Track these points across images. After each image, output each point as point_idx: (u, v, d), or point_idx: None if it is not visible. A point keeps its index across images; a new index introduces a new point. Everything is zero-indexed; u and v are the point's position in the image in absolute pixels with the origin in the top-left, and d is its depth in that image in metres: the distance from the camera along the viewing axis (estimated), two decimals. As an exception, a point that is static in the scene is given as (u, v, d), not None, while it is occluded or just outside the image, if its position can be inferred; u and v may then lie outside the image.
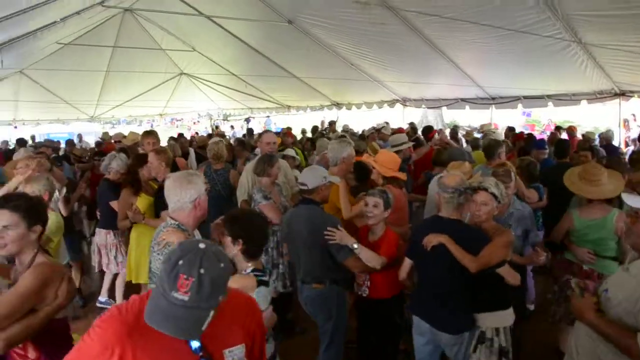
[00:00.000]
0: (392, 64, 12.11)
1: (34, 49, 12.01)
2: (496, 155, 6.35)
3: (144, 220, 5.46)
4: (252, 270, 3.01)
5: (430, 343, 3.86)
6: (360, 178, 5.20)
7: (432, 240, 3.64)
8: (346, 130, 14.18)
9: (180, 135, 14.92)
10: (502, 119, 17.03)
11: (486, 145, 7.10)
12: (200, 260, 1.65)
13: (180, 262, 1.65)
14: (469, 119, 17.17)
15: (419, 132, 12.51)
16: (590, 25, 7.52)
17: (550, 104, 11.23)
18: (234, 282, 2.67)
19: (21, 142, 12.97)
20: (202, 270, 1.63)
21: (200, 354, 1.84)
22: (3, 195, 3.01)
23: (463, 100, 13.08)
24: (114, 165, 6.22)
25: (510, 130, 12.38)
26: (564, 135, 11.64)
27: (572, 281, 2.81)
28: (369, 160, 5.35)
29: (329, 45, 11.99)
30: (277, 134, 10.01)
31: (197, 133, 22.44)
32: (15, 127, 19.78)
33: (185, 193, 3.06)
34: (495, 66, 10.54)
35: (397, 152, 6.65)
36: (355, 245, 3.98)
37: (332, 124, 15.10)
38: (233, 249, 2.99)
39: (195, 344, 1.82)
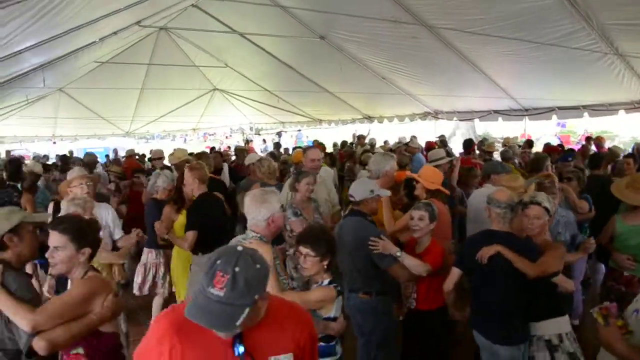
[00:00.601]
0: (424, 77, 12.08)
1: (73, 68, 12.38)
2: (544, 168, 6.44)
3: (167, 236, 5.41)
4: (329, 282, 3.25)
5: (490, 358, 3.89)
6: (412, 195, 5.24)
7: (488, 252, 3.69)
8: (372, 144, 14.16)
9: (212, 149, 15.01)
10: (536, 131, 16.79)
11: (533, 158, 7.23)
12: (236, 259, 1.75)
13: (219, 261, 1.76)
14: (502, 130, 16.97)
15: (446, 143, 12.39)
16: (625, 35, 7.41)
17: (585, 114, 10.97)
18: (316, 294, 3.21)
19: (64, 159, 13.16)
20: (237, 269, 1.73)
21: (243, 358, 1.89)
22: (57, 217, 3.12)
23: (496, 112, 12.91)
24: (160, 183, 6.10)
25: (528, 143, 12.23)
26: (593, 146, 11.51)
27: (592, 311, 2.71)
28: (412, 175, 5.34)
29: (360, 59, 12.03)
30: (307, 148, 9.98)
31: (229, 147, 22.69)
32: (55, 143, 20.36)
33: (259, 211, 3.23)
34: (528, 77, 10.41)
35: (435, 167, 6.62)
36: (399, 253, 4.02)
37: (360, 137, 15.04)
38: (317, 266, 3.25)
39: (240, 349, 1.88)
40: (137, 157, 14.01)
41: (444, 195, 5.18)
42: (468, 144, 10.46)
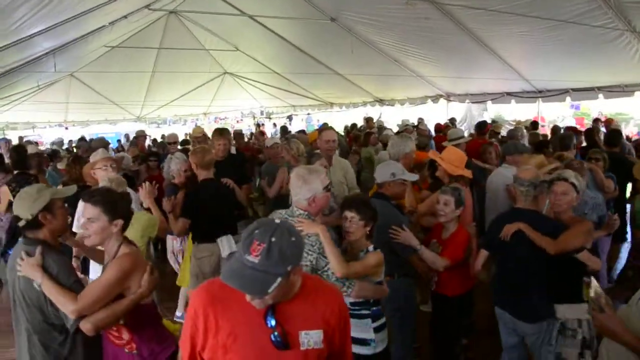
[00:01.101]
0: (436, 59, 11.96)
1: (84, 53, 12.40)
2: (572, 147, 6.48)
3: (170, 214, 5.06)
4: (375, 248, 3.37)
5: (513, 334, 3.99)
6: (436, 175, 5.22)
7: (510, 229, 3.77)
8: (381, 126, 14.02)
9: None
10: (549, 113, 16.58)
11: (560, 137, 7.22)
12: (273, 230, 1.82)
13: (256, 231, 1.83)
14: (515, 113, 16.80)
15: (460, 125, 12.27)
16: (642, 13, 7.27)
17: (600, 95, 10.81)
18: (372, 259, 3.29)
19: (84, 141, 13.14)
20: (273, 239, 1.80)
21: (275, 329, 1.94)
22: (90, 190, 3.18)
23: (508, 94, 12.81)
24: (173, 166, 5.83)
25: (533, 125, 12.11)
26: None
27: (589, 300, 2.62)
28: (435, 157, 5.25)
29: (372, 41, 11.93)
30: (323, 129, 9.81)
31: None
32: (66, 128, 20.44)
33: (299, 190, 3.19)
34: (542, 58, 10.26)
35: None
36: (418, 247, 4.02)
37: (369, 120, 14.80)
38: (361, 231, 3.38)
39: (272, 321, 1.94)
40: (150, 141, 13.90)
41: (467, 179, 5.07)
42: (482, 125, 10.38)
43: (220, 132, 6.74)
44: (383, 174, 4.32)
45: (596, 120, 12.76)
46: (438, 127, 12.99)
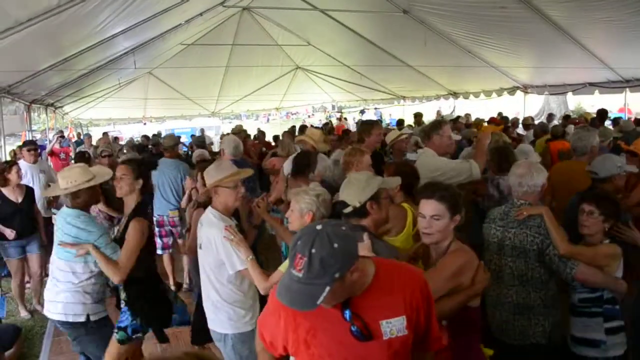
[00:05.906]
0: (512, 48, 11.50)
1: (161, 51, 12.83)
2: None
3: None
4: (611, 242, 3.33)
5: None
6: None
7: None
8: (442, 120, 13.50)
9: (293, 128, 14.31)
10: (637, 104, 15.64)
11: None
12: (312, 240, 1.75)
13: (299, 242, 1.78)
14: (599, 104, 15.98)
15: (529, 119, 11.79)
16: None
17: (699, 83, 10.10)
18: (604, 247, 3.24)
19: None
20: (313, 250, 1.73)
21: (353, 323, 1.91)
22: (429, 184, 2.99)
23: (591, 84, 12.10)
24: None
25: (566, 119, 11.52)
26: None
27: None
28: (626, 146, 4.97)
29: (445, 33, 11.63)
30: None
31: (311, 126, 22.78)
32: (144, 124, 21.27)
33: (534, 179, 3.43)
34: (630, 45, 9.62)
35: None
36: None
37: (418, 116, 14.27)
38: (598, 226, 3.29)
39: (347, 314, 1.91)
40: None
41: None
42: (604, 113, 10.03)
43: (375, 122, 6.47)
44: (609, 167, 4.00)
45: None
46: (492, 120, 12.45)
